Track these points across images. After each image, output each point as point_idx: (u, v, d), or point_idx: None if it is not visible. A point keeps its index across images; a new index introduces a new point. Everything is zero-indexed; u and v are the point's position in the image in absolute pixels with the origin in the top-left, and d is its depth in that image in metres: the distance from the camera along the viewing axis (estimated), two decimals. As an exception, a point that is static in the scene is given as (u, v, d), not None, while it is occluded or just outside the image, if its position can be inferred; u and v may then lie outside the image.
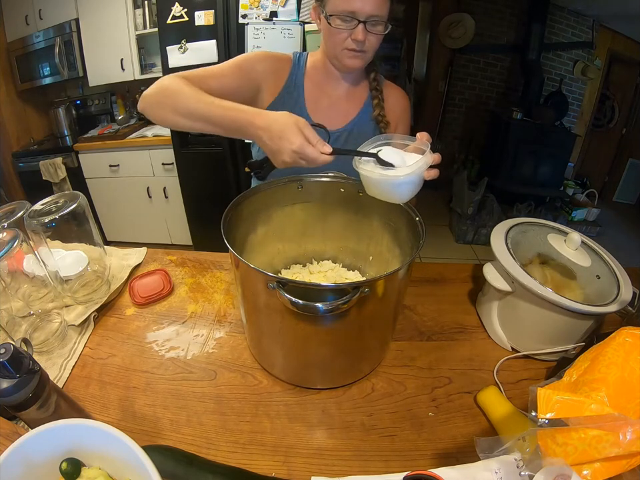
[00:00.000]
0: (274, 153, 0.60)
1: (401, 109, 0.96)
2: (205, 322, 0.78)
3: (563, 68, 3.34)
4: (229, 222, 0.61)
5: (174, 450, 0.52)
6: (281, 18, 1.83)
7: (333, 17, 0.76)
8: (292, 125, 0.58)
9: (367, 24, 0.75)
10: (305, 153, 0.57)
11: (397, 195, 0.62)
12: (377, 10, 0.75)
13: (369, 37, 0.77)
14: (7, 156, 2.45)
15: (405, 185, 0.60)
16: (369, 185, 0.62)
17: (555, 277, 0.71)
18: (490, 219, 2.89)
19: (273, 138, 0.59)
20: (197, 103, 0.68)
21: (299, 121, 0.59)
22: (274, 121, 0.59)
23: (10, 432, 0.48)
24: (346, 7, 0.74)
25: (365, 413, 0.62)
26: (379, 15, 0.75)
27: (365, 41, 0.77)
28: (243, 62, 0.86)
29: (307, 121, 0.60)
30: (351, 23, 0.75)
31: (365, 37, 0.76)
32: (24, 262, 0.69)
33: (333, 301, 0.49)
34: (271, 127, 0.59)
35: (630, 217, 3.42)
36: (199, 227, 2.43)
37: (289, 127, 0.58)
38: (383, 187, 0.61)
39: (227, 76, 0.83)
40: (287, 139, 0.57)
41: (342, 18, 0.75)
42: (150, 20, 2.23)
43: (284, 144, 0.58)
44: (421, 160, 0.58)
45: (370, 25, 0.76)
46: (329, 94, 0.91)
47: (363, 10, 0.74)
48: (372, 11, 0.74)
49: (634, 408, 0.36)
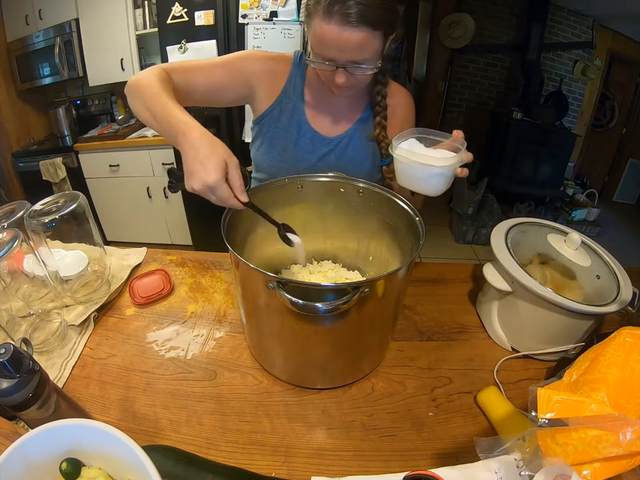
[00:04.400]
0: (189, 175, 0.55)
1: (405, 112, 0.93)
2: (205, 322, 0.78)
3: (563, 68, 3.35)
4: (228, 222, 0.61)
5: (174, 450, 0.52)
6: (281, 18, 1.82)
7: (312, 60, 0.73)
8: (220, 160, 0.54)
9: (347, 68, 0.71)
10: (218, 191, 0.54)
11: (429, 185, 0.61)
12: (357, 56, 0.70)
13: (353, 78, 0.74)
14: (6, 156, 2.45)
15: (439, 177, 0.59)
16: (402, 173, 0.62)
17: (555, 277, 0.71)
18: (490, 219, 2.89)
19: (195, 160, 0.54)
20: (155, 101, 0.65)
21: (230, 161, 0.55)
22: (206, 146, 0.55)
23: (10, 432, 0.48)
24: (322, 52, 0.70)
25: (365, 413, 0.62)
26: (360, 59, 0.71)
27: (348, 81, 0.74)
28: (234, 60, 0.84)
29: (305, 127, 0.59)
30: (331, 66, 0.72)
31: (347, 79, 0.73)
32: (24, 262, 0.69)
33: (332, 301, 0.49)
34: (199, 148, 0.55)
35: (630, 217, 3.42)
36: (199, 227, 2.43)
37: (216, 160, 0.54)
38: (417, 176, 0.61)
39: (214, 71, 0.81)
40: (206, 170, 0.53)
41: (321, 64, 0.72)
42: (150, 20, 2.23)
43: (201, 173, 0.54)
44: (458, 155, 0.58)
45: (352, 69, 0.72)
46: (329, 99, 0.88)
47: (340, 58, 0.70)
48: (351, 57, 0.70)
49: (634, 408, 0.36)
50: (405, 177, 0.62)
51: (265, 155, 0.91)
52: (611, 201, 3.63)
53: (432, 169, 0.58)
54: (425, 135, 0.64)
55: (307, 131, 0.89)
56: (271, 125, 0.89)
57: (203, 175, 0.53)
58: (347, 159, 0.90)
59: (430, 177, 0.60)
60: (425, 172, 0.59)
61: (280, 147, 0.89)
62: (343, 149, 0.89)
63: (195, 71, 0.79)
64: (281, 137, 0.89)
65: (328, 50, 0.70)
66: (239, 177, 0.57)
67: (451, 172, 0.60)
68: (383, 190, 0.70)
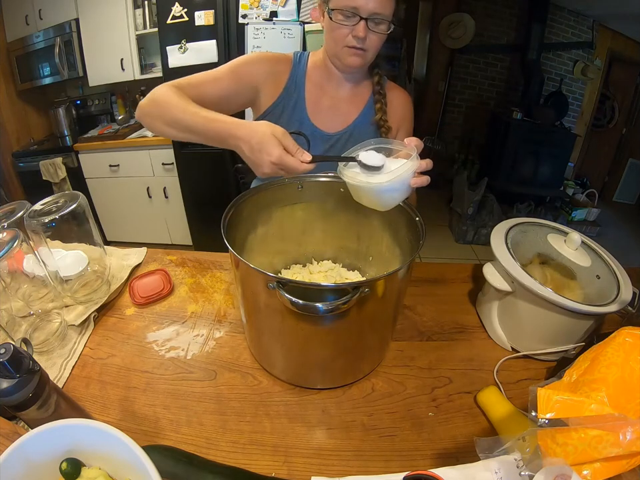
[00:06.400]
0: (254, 165, 0.60)
1: (403, 111, 0.95)
2: (205, 322, 0.78)
3: (563, 68, 3.35)
4: (228, 222, 0.61)
5: (174, 450, 0.52)
6: (281, 18, 1.83)
7: (335, 11, 0.75)
8: (269, 136, 0.57)
9: (368, 21, 0.74)
10: (284, 163, 0.57)
11: (380, 202, 0.59)
12: (381, 8, 0.73)
13: (370, 36, 0.76)
14: (6, 156, 2.45)
15: (388, 192, 0.57)
16: (353, 192, 0.61)
17: (555, 277, 0.71)
18: (490, 219, 2.89)
19: (252, 150, 0.58)
20: (183, 113, 0.68)
21: (276, 131, 0.58)
22: (253, 132, 0.59)
23: (10, 432, 0.48)
24: (349, 1, 0.73)
25: (365, 413, 0.62)
26: (382, 14, 0.74)
27: (366, 38, 0.76)
28: (239, 65, 0.85)
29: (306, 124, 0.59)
30: (353, 19, 0.74)
31: (366, 34, 0.75)
32: (24, 262, 0.69)
33: (332, 301, 0.49)
34: (250, 139, 0.58)
35: (630, 217, 3.42)
36: (199, 227, 2.43)
37: (267, 138, 0.57)
38: (366, 194, 0.59)
39: (222, 80, 0.83)
40: (266, 151, 0.57)
41: (344, 13, 0.74)
42: (150, 20, 2.23)
43: (263, 156, 0.57)
44: (404, 166, 0.55)
45: (372, 23, 0.75)
46: (330, 95, 0.90)
47: (366, 6, 0.73)
48: (375, 8, 0.73)
49: (634, 408, 0.36)
50: (359, 196, 0.61)
51: None
52: (611, 201, 3.63)
53: (379, 185, 0.56)
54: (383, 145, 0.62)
55: (307, 128, 0.89)
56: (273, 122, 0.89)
57: (266, 158, 0.57)
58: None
59: (379, 194, 0.58)
60: (372, 190, 0.57)
61: None
62: (343, 145, 0.90)
63: (205, 84, 0.81)
64: None
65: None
66: (293, 143, 0.58)
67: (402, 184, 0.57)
68: (382, 190, 0.70)
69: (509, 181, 3.13)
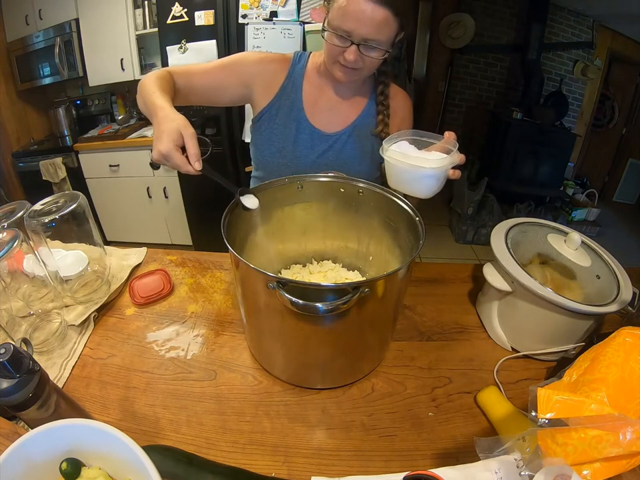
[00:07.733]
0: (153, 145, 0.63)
1: (403, 113, 0.94)
2: (205, 322, 0.78)
3: (563, 68, 3.34)
4: (228, 222, 0.61)
5: (174, 450, 0.52)
6: (281, 18, 1.82)
7: (328, 32, 0.74)
8: (174, 130, 0.60)
9: (360, 47, 0.72)
10: (171, 159, 0.60)
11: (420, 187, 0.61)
12: (374, 34, 0.71)
13: (363, 58, 0.74)
14: (6, 156, 2.45)
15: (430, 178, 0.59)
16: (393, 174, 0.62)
17: (555, 277, 0.71)
18: (490, 219, 2.89)
19: (157, 133, 0.62)
20: (146, 92, 0.72)
21: (186, 132, 0.60)
22: (164, 122, 0.62)
23: (10, 432, 0.48)
24: (341, 24, 0.71)
25: (365, 413, 0.62)
26: (376, 40, 0.72)
27: (358, 61, 0.74)
28: (230, 62, 0.88)
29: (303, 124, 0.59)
30: (345, 41, 0.73)
31: (357, 58, 0.74)
32: (24, 262, 0.69)
33: (332, 301, 0.49)
34: (159, 125, 0.62)
35: (630, 217, 3.42)
36: (199, 227, 2.43)
37: (170, 131, 0.60)
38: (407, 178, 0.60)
39: (211, 73, 0.86)
40: (162, 140, 0.60)
41: (336, 35, 0.73)
42: (150, 20, 2.22)
43: (157, 143, 0.61)
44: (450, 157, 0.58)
45: (364, 48, 0.73)
46: (328, 96, 0.90)
47: (357, 31, 0.71)
48: (368, 34, 0.71)
49: (634, 408, 0.36)
50: (396, 178, 0.62)
51: (264, 152, 0.92)
52: (611, 201, 3.63)
53: (423, 170, 0.58)
54: (417, 137, 0.64)
55: (305, 128, 0.89)
56: (270, 122, 0.90)
57: (158, 145, 0.60)
58: (345, 155, 0.91)
59: (421, 179, 0.60)
60: (415, 174, 0.59)
61: (279, 143, 0.90)
62: (341, 146, 0.90)
63: (195, 73, 0.84)
64: (280, 133, 0.90)
65: (348, 20, 0.70)
66: (194, 146, 0.61)
67: (442, 174, 0.59)
68: (382, 190, 0.70)
69: (509, 181, 3.13)
